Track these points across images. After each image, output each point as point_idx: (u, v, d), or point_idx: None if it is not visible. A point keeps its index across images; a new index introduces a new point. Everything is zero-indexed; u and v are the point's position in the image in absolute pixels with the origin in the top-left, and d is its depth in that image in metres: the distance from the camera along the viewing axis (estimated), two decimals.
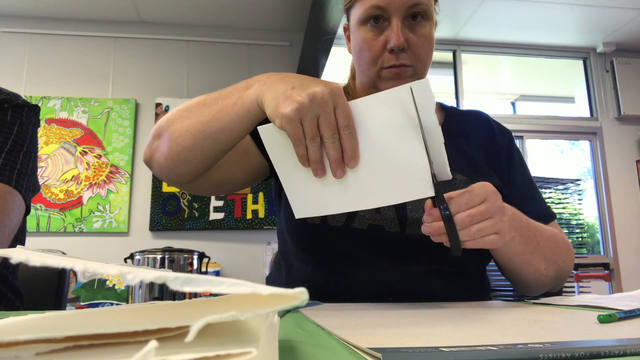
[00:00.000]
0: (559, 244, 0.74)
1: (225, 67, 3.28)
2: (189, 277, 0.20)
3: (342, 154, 0.55)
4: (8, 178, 0.81)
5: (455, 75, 3.51)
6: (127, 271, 0.20)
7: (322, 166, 0.56)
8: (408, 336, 0.34)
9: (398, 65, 0.76)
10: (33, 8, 3.05)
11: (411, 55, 0.76)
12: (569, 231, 3.27)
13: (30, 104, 0.92)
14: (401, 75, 0.77)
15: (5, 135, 0.84)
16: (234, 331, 0.21)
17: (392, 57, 0.75)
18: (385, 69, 0.77)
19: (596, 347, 0.27)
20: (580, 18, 3.18)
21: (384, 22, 0.75)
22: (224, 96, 0.65)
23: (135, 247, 2.68)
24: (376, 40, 0.76)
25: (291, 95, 0.53)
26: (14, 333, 0.17)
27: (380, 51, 0.76)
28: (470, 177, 0.77)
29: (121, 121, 3.07)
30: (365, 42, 0.77)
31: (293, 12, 3.13)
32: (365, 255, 0.73)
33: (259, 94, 0.59)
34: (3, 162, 0.81)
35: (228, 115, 0.63)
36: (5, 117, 0.85)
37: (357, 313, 0.51)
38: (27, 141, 0.88)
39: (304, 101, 0.52)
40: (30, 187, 0.86)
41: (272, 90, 0.57)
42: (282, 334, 0.37)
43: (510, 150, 0.88)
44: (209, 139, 0.65)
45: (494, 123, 0.92)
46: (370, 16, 0.75)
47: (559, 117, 3.61)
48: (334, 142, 0.54)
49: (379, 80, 0.78)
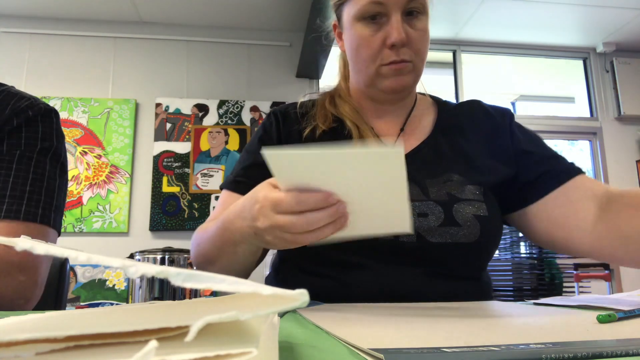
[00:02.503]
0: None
1: (225, 67, 3.28)
2: (191, 273, 0.20)
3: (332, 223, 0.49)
4: (37, 216, 0.76)
5: (455, 75, 3.51)
6: (130, 264, 0.20)
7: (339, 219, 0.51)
8: (409, 336, 0.33)
9: (399, 61, 0.75)
10: (33, 8, 3.05)
11: (410, 51, 0.75)
12: None
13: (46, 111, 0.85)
14: (402, 70, 0.76)
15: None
16: (234, 331, 0.21)
17: (392, 53, 0.75)
18: (385, 65, 0.76)
19: (598, 348, 0.27)
20: (580, 18, 3.18)
21: (382, 18, 0.75)
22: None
23: (135, 247, 2.68)
24: (375, 37, 0.75)
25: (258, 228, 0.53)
26: (14, 333, 0.17)
27: (379, 48, 0.75)
28: (466, 176, 0.76)
29: (121, 121, 3.07)
30: (363, 39, 0.76)
31: (293, 12, 3.13)
32: (359, 261, 0.72)
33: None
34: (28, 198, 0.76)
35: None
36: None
37: (357, 313, 0.51)
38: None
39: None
40: (60, 209, 0.83)
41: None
42: (282, 334, 0.37)
43: (512, 128, 0.84)
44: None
45: (490, 108, 0.87)
46: (368, 12, 0.74)
47: (559, 117, 3.61)
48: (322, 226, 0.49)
49: (378, 77, 0.78)
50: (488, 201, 0.75)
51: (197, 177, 3.05)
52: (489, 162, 0.80)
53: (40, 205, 0.76)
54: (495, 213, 0.75)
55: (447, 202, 0.73)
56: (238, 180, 0.81)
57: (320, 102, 0.88)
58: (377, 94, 0.82)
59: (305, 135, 0.82)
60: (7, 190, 0.74)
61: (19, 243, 0.22)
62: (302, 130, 0.83)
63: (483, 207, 0.73)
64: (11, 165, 0.76)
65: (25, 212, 0.74)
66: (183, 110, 3.14)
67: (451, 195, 0.74)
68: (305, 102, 0.89)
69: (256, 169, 0.80)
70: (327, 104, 0.86)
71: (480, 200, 0.74)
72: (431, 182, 0.76)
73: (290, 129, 0.84)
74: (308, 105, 0.88)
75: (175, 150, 3.08)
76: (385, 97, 0.83)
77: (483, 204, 0.73)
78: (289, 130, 0.84)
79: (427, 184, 0.75)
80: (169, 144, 3.09)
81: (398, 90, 0.80)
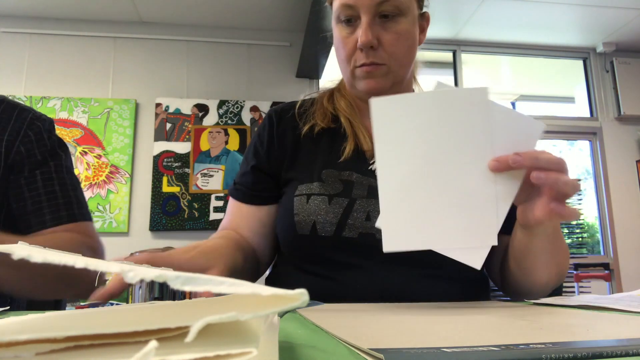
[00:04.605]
0: (567, 251, 0.71)
1: (225, 67, 3.28)
2: (189, 276, 0.20)
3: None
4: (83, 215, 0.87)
5: (455, 75, 3.51)
6: (128, 269, 0.20)
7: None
8: (409, 336, 0.33)
9: (369, 64, 0.75)
10: (33, 8, 3.05)
11: (382, 53, 0.74)
12: (569, 231, 3.27)
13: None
14: (373, 73, 0.75)
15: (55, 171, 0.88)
16: (234, 331, 0.21)
17: (362, 56, 0.75)
18: (358, 67, 0.76)
19: (598, 348, 0.27)
20: (580, 18, 3.18)
21: (356, 21, 0.75)
22: None
23: (135, 247, 2.68)
24: (349, 38, 0.75)
25: None
26: (14, 333, 0.17)
27: (352, 49, 0.75)
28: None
29: (121, 121, 3.07)
30: (340, 40, 0.77)
31: (293, 12, 3.13)
32: (357, 261, 0.72)
33: None
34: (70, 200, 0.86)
35: None
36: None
37: (356, 313, 0.51)
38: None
39: None
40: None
41: None
42: (282, 334, 0.37)
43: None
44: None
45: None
46: (343, 15, 0.75)
47: (559, 117, 3.61)
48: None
49: (354, 79, 0.78)
50: None
51: (197, 177, 3.05)
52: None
53: (82, 206, 0.87)
54: None
55: None
56: (237, 188, 0.84)
57: (319, 99, 0.88)
58: (359, 94, 0.83)
59: (304, 134, 0.83)
60: (57, 199, 0.84)
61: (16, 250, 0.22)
62: (300, 129, 0.83)
63: None
64: (51, 176, 0.85)
65: (78, 214, 0.85)
66: (183, 110, 3.14)
67: None
68: (306, 100, 0.90)
69: (250, 176, 0.83)
70: (325, 102, 0.87)
71: None
72: None
73: (285, 129, 0.84)
74: (308, 104, 0.88)
75: (175, 150, 3.08)
76: (366, 97, 0.83)
77: None
78: (284, 130, 0.84)
79: None
80: (169, 144, 3.09)
81: (373, 93, 0.80)
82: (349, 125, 0.82)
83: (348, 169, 0.78)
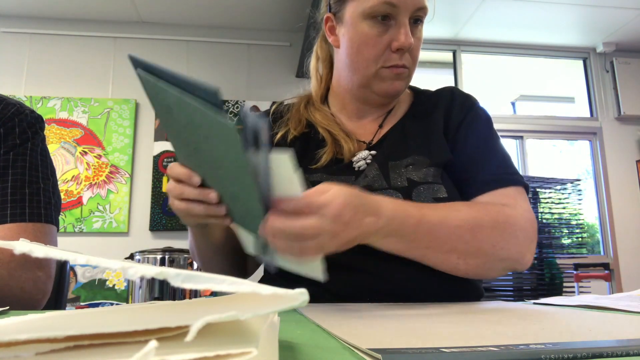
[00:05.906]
0: (483, 229, 0.65)
1: (225, 67, 3.28)
2: (190, 274, 0.20)
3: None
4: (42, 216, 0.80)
5: (455, 75, 3.51)
6: (129, 266, 0.20)
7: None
8: (408, 336, 0.33)
9: (400, 66, 0.75)
10: (33, 8, 3.05)
11: (408, 57, 0.76)
12: (569, 231, 3.27)
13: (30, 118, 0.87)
14: (400, 75, 0.77)
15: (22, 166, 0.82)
16: (234, 331, 0.21)
17: (396, 57, 0.75)
18: (386, 68, 0.76)
19: (598, 348, 0.27)
20: (580, 18, 3.18)
21: (391, 20, 0.74)
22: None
23: (135, 247, 2.68)
24: (381, 38, 0.74)
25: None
26: (14, 333, 0.17)
27: (383, 49, 0.75)
28: (427, 156, 0.76)
29: (121, 121, 3.07)
30: (368, 38, 0.75)
31: (293, 12, 3.13)
32: (347, 262, 0.71)
33: None
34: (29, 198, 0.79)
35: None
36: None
37: (356, 313, 0.51)
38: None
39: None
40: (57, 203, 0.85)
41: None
42: (282, 334, 0.37)
43: (465, 114, 0.81)
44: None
45: (458, 96, 0.84)
46: (379, 12, 0.74)
47: (558, 117, 3.61)
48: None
49: (376, 79, 0.78)
50: (446, 183, 0.75)
51: None
52: (443, 141, 0.79)
53: (42, 206, 0.80)
54: (455, 194, 0.74)
55: (407, 188, 0.73)
56: None
57: (295, 106, 0.88)
58: (369, 95, 0.82)
59: (276, 141, 0.83)
60: (7, 195, 0.77)
61: (17, 246, 0.22)
62: (274, 135, 0.84)
63: (442, 190, 0.73)
64: (7, 171, 0.79)
65: (29, 214, 0.78)
66: None
67: (410, 180, 0.74)
68: (280, 107, 0.90)
69: None
70: (301, 108, 0.87)
71: (438, 183, 0.73)
72: (394, 164, 0.76)
73: None
74: (282, 110, 0.89)
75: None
76: (376, 99, 0.82)
77: (442, 186, 0.73)
78: None
79: (389, 167, 0.76)
80: (169, 144, 3.08)
81: (391, 95, 0.80)
82: (328, 136, 0.81)
83: (319, 172, 0.78)
